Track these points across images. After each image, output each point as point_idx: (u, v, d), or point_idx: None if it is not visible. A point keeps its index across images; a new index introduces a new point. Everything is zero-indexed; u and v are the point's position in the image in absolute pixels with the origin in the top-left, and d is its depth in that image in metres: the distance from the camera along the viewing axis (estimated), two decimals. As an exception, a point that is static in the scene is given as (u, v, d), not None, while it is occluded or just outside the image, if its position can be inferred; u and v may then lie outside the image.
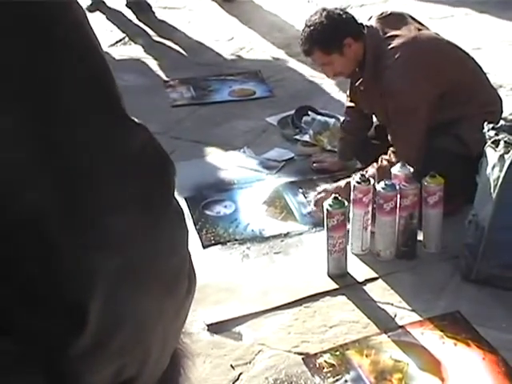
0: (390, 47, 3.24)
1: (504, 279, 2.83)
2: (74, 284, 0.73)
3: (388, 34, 3.29)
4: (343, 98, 4.46)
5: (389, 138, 3.33)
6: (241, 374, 2.59)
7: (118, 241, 0.75)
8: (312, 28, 3.30)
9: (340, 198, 2.95)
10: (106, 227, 0.74)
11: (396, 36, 3.27)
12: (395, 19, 3.37)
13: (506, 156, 2.70)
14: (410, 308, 2.81)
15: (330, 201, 2.94)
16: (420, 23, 3.49)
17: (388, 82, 3.22)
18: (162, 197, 0.81)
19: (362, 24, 3.36)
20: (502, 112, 3.45)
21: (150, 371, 0.83)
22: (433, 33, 3.46)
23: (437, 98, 3.23)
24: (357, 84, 3.43)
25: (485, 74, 3.48)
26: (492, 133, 2.81)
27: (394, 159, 3.22)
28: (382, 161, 3.28)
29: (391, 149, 3.29)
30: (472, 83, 3.36)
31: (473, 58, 3.46)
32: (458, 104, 3.28)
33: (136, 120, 0.82)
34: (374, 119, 3.66)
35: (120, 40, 5.77)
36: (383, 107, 3.33)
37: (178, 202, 0.83)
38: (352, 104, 3.65)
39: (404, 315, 2.78)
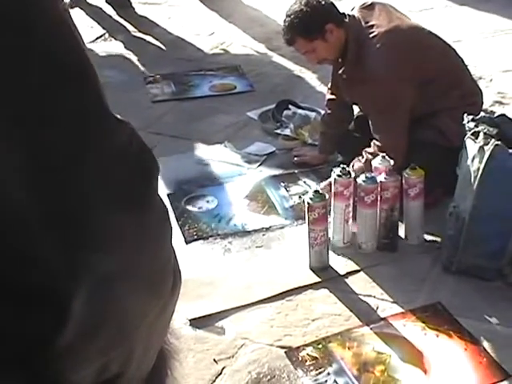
0: (371, 35, 3.25)
1: (484, 270, 2.84)
2: (57, 281, 0.72)
3: (370, 23, 3.31)
4: (324, 91, 4.45)
5: (371, 128, 3.33)
6: (224, 368, 2.58)
7: (102, 239, 0.75)
8: (292, 16, 3.31)
9: (321, 191, 2.95)
10: (90, 225, 0.74)
11: (378, 25, 3.29)
12: (377, 9, 3.38)
13: (485, 147, 2.70)
14: (391, 300, 2.82)
15: (310, 194, 2.94)
16: (402, 14, 3.50)
17: (369, 69, 3.23)
18: (146, 194, 0.81)
19: (343, 13, 3.37)
20: (482, 104, 3.46)
21: (135, 369, 0.83)
22: (415, 23, 3.48)
23: (418, 87, 3.24)
24: (339, 72, 3.43)
25: (466, 65, 3.49)
26: (472, 124, 2.82)
27: (378, 151, 3.22)
28: (366, 154, 3.28)
29: (374, 141, 3.29)
30: (453, 74, 3.37)
31: (454, 50, 3.47)
32: (439, 95, 3.28)
33: (119, 117, 0.81)
34: (355, 112, 3.66)
35: (100, 36, 5.75)
36: (365, 95, 3.34)
37: (162, 200, 0.83)
38: (333, 96, 3.65)
39: (386, 307, 2.79)
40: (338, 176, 3.02)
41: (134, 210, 0.78)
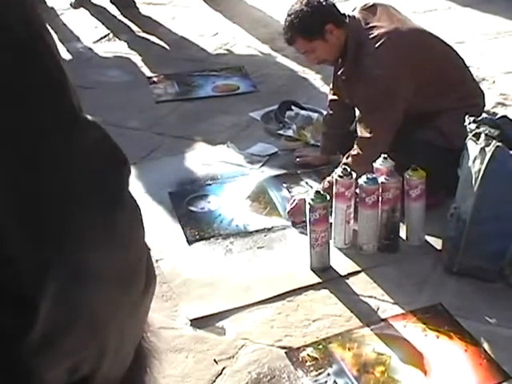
0: (371, 36, 3.25)
1: (485, 271, 2.84)
2: (25, 280, 0.73)
3: (370, 25, 3.30)
4: (327, 92, 4.46)
5: (358, 127, 3.33)
6: (224, 368, 2.59)
7: (72, 238, 0.75)
8: (293, 16, 3.32)
9: (322, 192, 2.96)
10: (60, 224, 0.74)
11: (378, 26, 3.29)
12: (378, 10, 3.38)
13: (486, 149, 2.71)
14: (392, 301, 2.82)
15: (312, 195, 2.94)
16: (403, 15, 3.50)
17: (367, 68, 3.23)
18: (117, 194, 0.81)
19: (344, 14, 3.37)
20: (484, 106, 3.46)
21: (107, 369, 0.83)
22: (416, 25, 3.47)
23: (418, 87, 3.24)
24: (339, 73, 3.44)
25: (467, 67, 3.49)
26: (473, 126, 2.82)
27: (357, 151, 3.24)
28: (348, 157, 3.27)
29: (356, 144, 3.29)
30: (454, 75, 3.37)
31: (456, 51, 3.47)
32: (439, 96, 3.28)
33: (89, 118, 0.81)
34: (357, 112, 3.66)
35: (104, 36, 5.76)
36: (361, 94, 3.34)
37: (134, 199, 0.83)
38: (335, 97, 3.65)
39: (386, 308, 2.79)
40: (340, 177, 3.03)
41: (105, 210, 0.78)
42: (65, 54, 5.45)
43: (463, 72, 3.45)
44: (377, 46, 3.22)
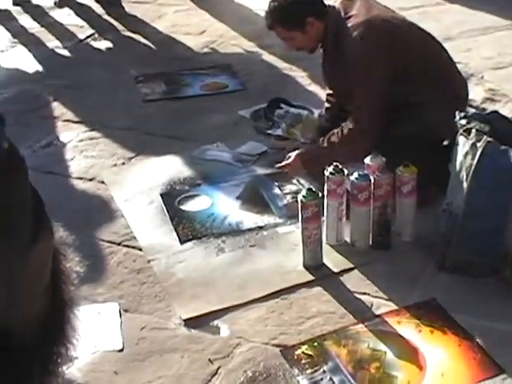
0: (349, 25, 3.30)
1: (478, 266, 2.85)
2: None
3: (349, 14, 3.35)
4: (316, 89, 4.48)
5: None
6: (219, 367, 2.58)
7: None
8: (276, 4, 3.39)
9: (314, 189, 2.95)
10: None
11: (356, 15, 3.33)
12: (358, 1, 3.40)
13: (477, 144, 2.71)
14: (386, 297, 2.82)
15: (303, 192, 2.94)
16: (385, 7, 3.53)
17: (346, 56, 3.27)
18: None
19: (325, 5, 3.42)
20: (467, 96, 3.50)
21: (6, 315, 0.83)
22: (396, 14, 3.51)
23: (395, 75, 3.26)
24: (321, 62, 3.51)
25: (451, 59, 3.49)
26: (463, 121, 2.83)
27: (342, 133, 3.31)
28: (330, 137, 3.36)
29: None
30: (435, 64, 3.38)
31: (437, 41, 3.50)
32: (421, 85, 3.30)
33: None
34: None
35: (90, 35, 5.74)
36: (343, 82, 3.38)
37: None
38: (331, 91, 3.68)
39: (380, 305, 2.79)
40: (331, 174, 3.02)
41: None
42: (50, 54, 5.43)
43: (445, 62, 3.47)
44: (354, 34, 3.27)
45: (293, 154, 3.51)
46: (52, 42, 5.61)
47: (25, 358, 0.91)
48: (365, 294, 2.85)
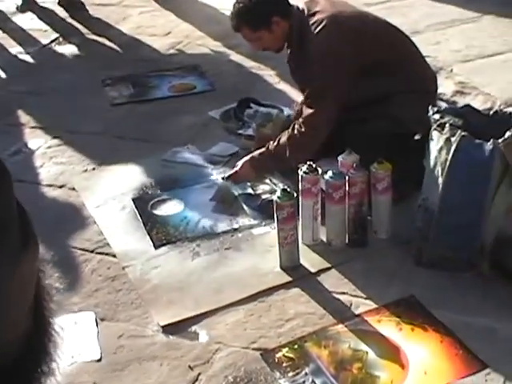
0: (312, 22, 3.31)
1: (455, 261, 2.84)
2: None
3: (312, 11, 3.36)
4: (284, 88, 4.46)
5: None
6: (199, 374, 2.55)
7: None
8: (241, 5, 3.39)
9: (289, 189, 2.93)
10: None
11: (319, 12, 3.34)
12: (323, 0, 3.40)
13: (452, 139, 2.70)
14: (364, 296, 2.80)
15: (278, 193, 2.91)
16: (349, 4, 3.55)
17: (309, 53, 3.27)
18: None
19: (289, 3, 3.43)
20: (436, 90, 3.52)
21: None
22: (360, 10, 3.54)
23: (362, 70, 3.25)
24: (286, 61, 3.53)
25: (420, 53, 3.49)
26: (437, 116, 2.81)
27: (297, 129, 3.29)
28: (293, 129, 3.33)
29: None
30: (400, 56, 3.38)
31: (403, 33, 3.50)
32: (387, 76, 3.30)
33: None
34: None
35: (54, 40, 5.66)
36: (304, 78, 3.39)
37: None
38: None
39: (359, 304, 2.77)
40: (305, 173, 3.00)
41: None
42: (14, 60, 5.36)
43: (414, 56, 3.48)
44: (317, 30, 3.28)
45: (240, 162, 3.48)
46: (15, 48, 5.53)
47: (6, 380, 0.88)
48: (343, 293, 2.83)
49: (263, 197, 3.44)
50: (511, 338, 2.56)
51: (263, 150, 3.41)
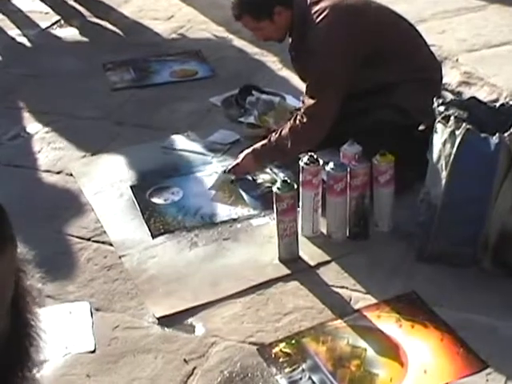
0: (313, 11, 3.26)
1: (458, 256, 2.78)
2: None
3: (315, 0, 3.31)
4: (287, 75, 4.39)
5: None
6: (195, 368, 2.50)
7: None
8: None
9: (289, 180, 2.87)
10: None
11: (322, 0, 3.29)
12: None
13: (456, 132, 2.63)
14: (364, 291, 2.75)
15: (278, 184, 2.85)
16: None
17: (310, 42, 3.22)
18: None
19: None
20: (441, 79, 3.46)
21: None
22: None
23: (365, 60, 3.19)
24: (288, 50, 3.48)
25: (425, 41, 3.43)
26: (442, 108, 2.75)
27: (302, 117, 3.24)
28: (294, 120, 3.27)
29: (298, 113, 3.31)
30: (404, 44, 3.32)
31: (407, 21, 3.43)
32: (391, 65, 3.24)
33: None
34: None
35: (55, 22, 5.60)
36: (305, 68, 3.35)
37: None
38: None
39: (359, 298, 2.72)
40: (306, 164, 2.94)
41: None
42: (13, 42, 5.30)
43: (418, 45, 3.41)
44: (318, 19, 3.23)
45: (242, 154, 3.41)
46: (15, 30, 5.46)
47: None
48: (343, 287, 2.78)
49: (263, 186, 3.38)
50: (513, 337, 2.51)
51: (265, 141, 3.33)
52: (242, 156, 3.40)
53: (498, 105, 2.87)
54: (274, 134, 3.32)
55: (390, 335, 2.53)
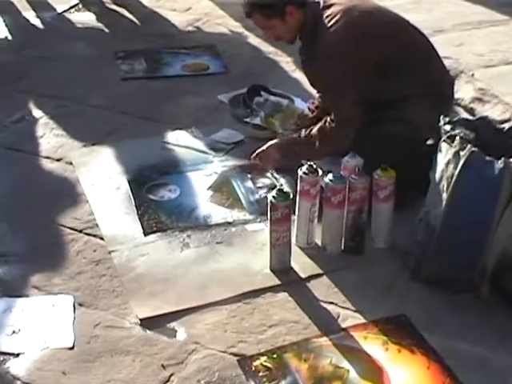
0: (326, 15, 3.20)
1: (454, 281, 2.69)
2: None
3: (328, 3, 3.26)
4: (299, 76, 4.31)
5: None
6: (172, 375, 2.43)
7: None
8: None
9: (285, 189, 2.79)
10: None
11: (335, 4, 3.24)
12: None
13: (461, 153, 2.54)
14: (354, 308, 2.66)
15: (274, 193, 2.77)
16: (370, 0, 3.43)
17: (321, 47, 3.17)
18: None
19: None
20: (453, 95, 3.39)
21: None
22: (378, 5, 3.37)
23: (376, 68, 3.13)
24: (298, 52, 3.44)
25: (438, 55, 3.35)
26: (448, 127, 2.66)
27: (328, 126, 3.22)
28: (325, 122, 3.23)
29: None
30: (416, 57, 3.25)
31: (423, 34, 3.35)
32: (402, 78, 3.17)
33: None
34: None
35: (73, 6, 5.58)
36: (316, 73, 3.31)
37: None
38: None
39: (347, 316, 2.63)
40: (305, 174, 2.86)
41: None
42: (28, 24, 5.26)
43: (428, 55, 3.33)
44: (330, 24, 3.17)
45: (268, 143, 3.37)
46: (31, 12, 5.43)
47: None
48: (332, 303, 2.70)
49: (262, 191, 3.31)
50: (503, 370, 2.41)
51: (294, 135, 3.35)
52: (267, 145, 3.35)
53: (506, 127, 2.76)
54: (303, 131, 3.29)
55: (375, 358, 2.44)
